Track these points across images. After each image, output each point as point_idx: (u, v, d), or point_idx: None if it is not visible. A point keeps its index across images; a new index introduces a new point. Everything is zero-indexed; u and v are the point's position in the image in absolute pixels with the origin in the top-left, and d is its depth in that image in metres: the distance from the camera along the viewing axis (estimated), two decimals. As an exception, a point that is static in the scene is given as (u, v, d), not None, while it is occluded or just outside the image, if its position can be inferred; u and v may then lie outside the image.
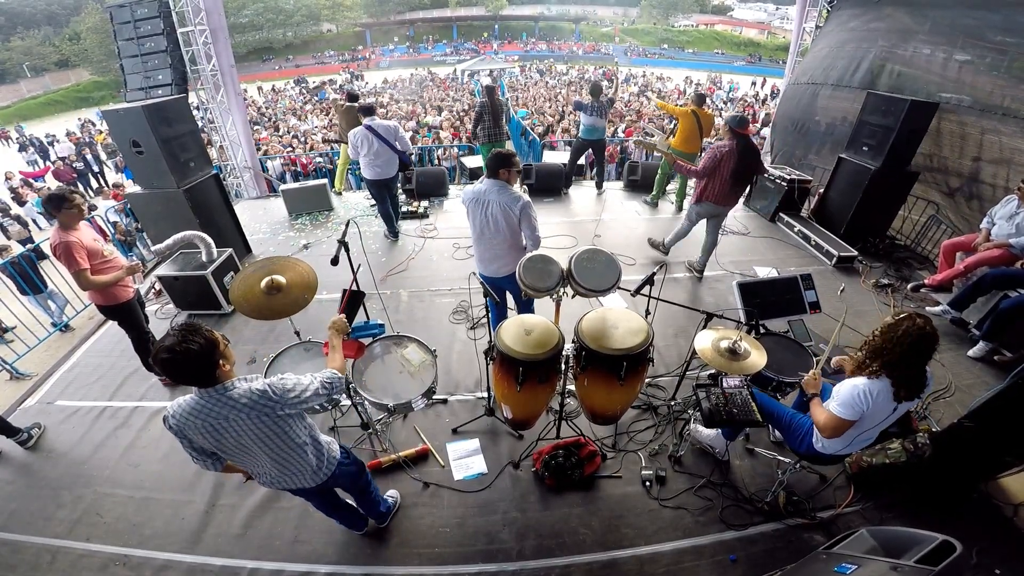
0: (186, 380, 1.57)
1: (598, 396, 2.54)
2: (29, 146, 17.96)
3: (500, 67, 30.03)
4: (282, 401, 1.66)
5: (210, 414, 1.60)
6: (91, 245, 3.00)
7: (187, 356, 1.50)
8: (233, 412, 1.61)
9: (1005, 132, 4.36)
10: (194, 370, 1.55)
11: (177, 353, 1.50)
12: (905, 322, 1.87)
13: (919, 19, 5.29)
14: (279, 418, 1.68)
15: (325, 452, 1.95)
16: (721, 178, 4.06)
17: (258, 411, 1.63)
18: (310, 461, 1.87)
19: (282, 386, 1.68)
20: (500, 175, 2.93)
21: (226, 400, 1.60)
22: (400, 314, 4.33)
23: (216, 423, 1.61)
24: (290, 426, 1.74)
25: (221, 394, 1.61)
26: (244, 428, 1.64)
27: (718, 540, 2.52)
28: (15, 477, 3.00)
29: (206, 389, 1.61)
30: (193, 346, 1.52)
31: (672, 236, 4.92)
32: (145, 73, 5.75)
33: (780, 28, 38.22)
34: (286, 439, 1.74)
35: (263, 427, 1.66)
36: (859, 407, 1.93)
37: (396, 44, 41.43)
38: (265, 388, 1.65)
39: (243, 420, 1.62)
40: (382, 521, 2.57)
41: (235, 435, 1.65)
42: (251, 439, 1.67)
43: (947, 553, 1.56)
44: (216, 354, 1.59)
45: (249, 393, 1.63)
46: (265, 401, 1.64)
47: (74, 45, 34.31)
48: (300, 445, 1.80)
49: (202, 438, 1.64)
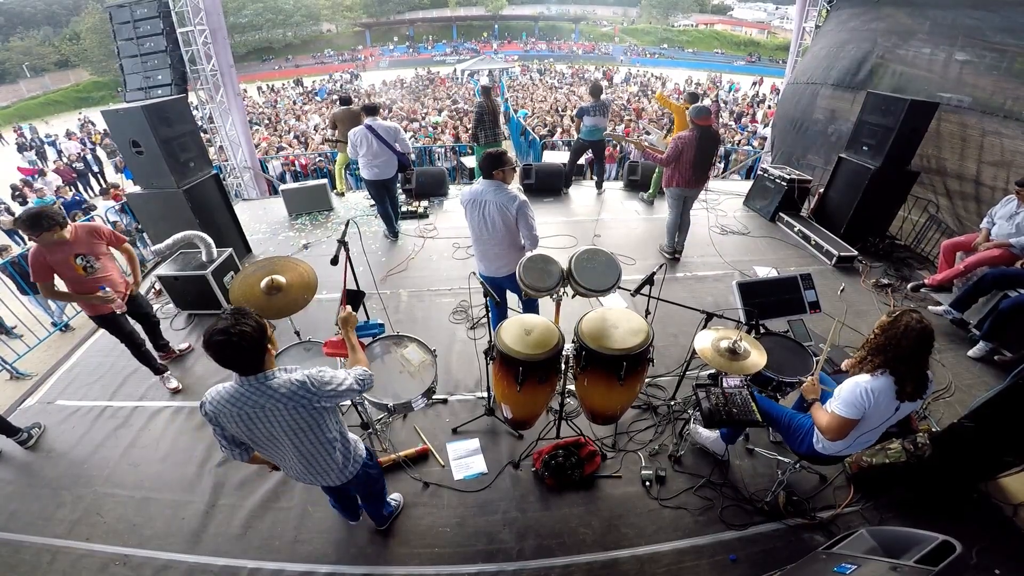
0: (236, 364, 1.57)
1: (598, 396, 2.54)
2: (30, 147, 17.95)
3: (500, 67, 30.03)
4: (320, 393, 1.66)
5: (247, 402, 1.60)
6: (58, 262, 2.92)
7: (243, 338, 1.50)
8: (271, 402, 1.61)
9: (1006, 133, 4.36)
10: (247, 353, 1.54)
11: (232, 335, 1.48)
12: (904, 317, 1.88)
13: (919, 19, 5.28)
14: (315, 411, 1.68)
15: (352, 451, 1.95)
16: (684, 165, 4.44)
17: (296, 402, 1.62)
18: (337, 459, 1.87)
19: (320, 378, 1.67)
20: (495, 175, 2.94)
21: (265, 389, 1.60)
22: (400, 314, 4.33)
23: (252, 412, 1.61)
24: (324, 419, 1.74)
25: (261, 383, 1.60)
26: (278, 419, 1.64)
27: (718, 540, 2.52)
28: (15, 477, 3.00)
29: (247, 377, 1.60)
30: (247, 328, 1.52)
31: (667, 235, 5.04)
32: (145, 73, 5.75)
33: (780, 28, 38.21)
34: (318, 433, 1.74)
35: (298, 419, 1.66)
36: (861, 405, 1.92)
37: (396, 44, 41.42)
38: (305, 379, 1.64)
39: (279, 411, 1.62)
40: (382, 524, 2.54)
41: (268, 426, 1.65)
42: (282, 431, 1.67)
43: (947, 553, 1.56)
44: (266, 339, 1.60)
45: (289, 384, 1.62)
46: (304, 392, 1.63)
47: (74, 45, 34.30)
48: (330, 441, 1.80)
49: (235, 426, 1.65)
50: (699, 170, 4.49)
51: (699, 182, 4.59)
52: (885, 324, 1.93)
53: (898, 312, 1.92)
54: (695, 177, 4.52)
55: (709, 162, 4.58)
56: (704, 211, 6.24)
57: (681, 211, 4.81)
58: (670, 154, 4.43)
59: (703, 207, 6.41)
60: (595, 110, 6.28)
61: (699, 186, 4.65)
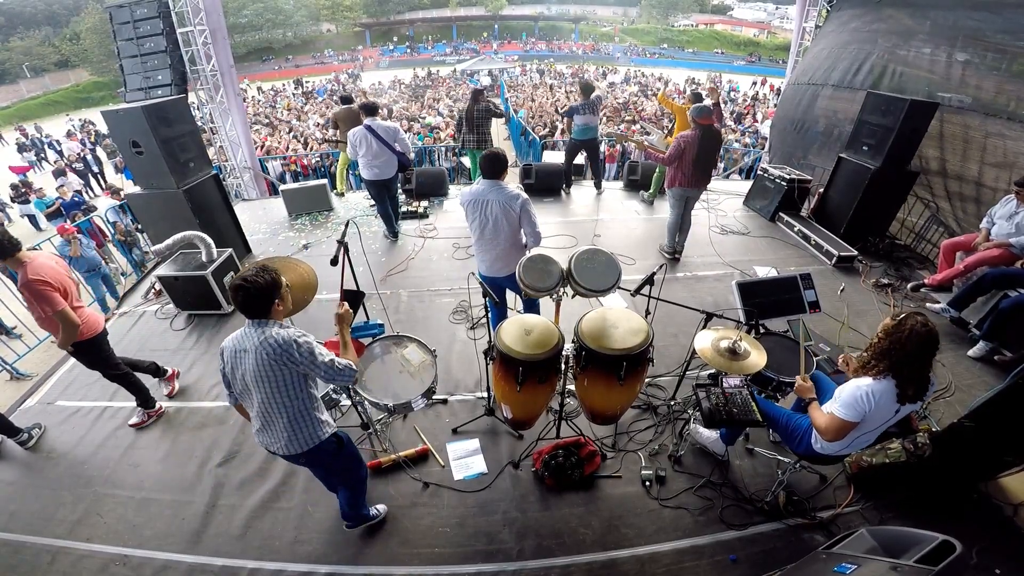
0: (246, 307, 1.82)
1: (598, 396, 2.54)
2: (30, 146, 17.96)
3: (500, 67, 30.03)
4: (297, 353, 1.83)
5: (239, 341, 1.88)
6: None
7: (255, 286, 1.78)
8: (251, 345, 1.83)
9: (1009, 135, 4.35)
10: (254, 300, 1.80)
11: (247, 282, 1.77)
12: (908, 321, 1.87)
13: (920, 20, 5.28)
14: (284, 367, 1.84)
15: (309, 424, 1.99)
16: (686, 164, 4.43)
17: (269, 352, 1.80)
18: (286, 423, 1.94)
19: (307, 343, 1.87)
20: (497, 176, 2.97)
21: (256, 334, 1.83)
22: (400, 314, 4.33)
23: (239, 350, 1.87)
24: (291, 380, 1.88)
25: (255, 328, 1.85)
26: (251, 362, 1.84)
27: (718, 540, 2.52)
28: (15, 477, 3.01)
29: (252, 320, 1.85)
30: (261, 281, 1.79)
31: (668, 235, 5.02)
32: (145, 73, 5.75)
33: (780, 28, 38.22)
34: (281, 390, 1.87)
35: (267, 369, 1.83)
36: (861, 408, 1.91)
37: (396, 44, 41.43)
38: (291, 339, 1.83)
39: (253, 355, 1.82)
40: (353, 524, 2.51)
41: (243, 367, 1.87)
42: (252, 376, 1.86)
43: (947, 553, 1.56)
44: (276, 293, 1.85)
45: (275, 336, 1.82)
46: (285, 348, 1.82)
47: (74, 45, 34.32)
48: (288, 402, 1.90)
49: (225, 364, 1.92)
50: (701, 170, 4.48)
51: (702, 182, 4.59)
52: (889, 328, 1.91)
53: (903, 316, 1.91)
54: (697, 177, 4.52)
55: (712, 162, 4.58)
56: (704, 211, 6.24)
57: (682, 211, 4.81)
58: (672, 153, 4.42)
59: (703, 207, 6.41)
60: (585, 108, 6.18)
61: (702, 186, 4.64)
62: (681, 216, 4.85)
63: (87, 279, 5.89)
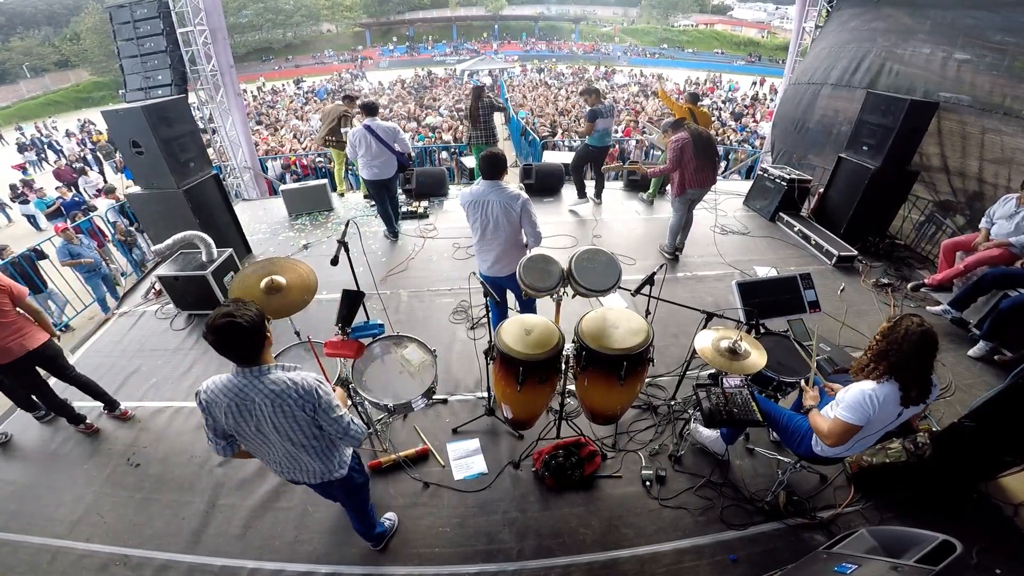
0: (235, 349, 1.60)
1: (598, 396, 2.54)
2: (30, 146, 17.96)
3: (500, 67, 30.03)
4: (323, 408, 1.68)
5: (239, 393, 1.63)
6: None
7: (247, 321, 1.55)
8: (262, 396, 1.62)
9: (1006, 131, 4.36)
10: (247, 339, 1.58)
11: (236, 318, 1.53)
12: (904, 322, 1.87)
13: (919, 19, 5.28)
14: (306, 415, 1.68)
15: (337, 451, 1.92)
16: (691, 165, 4.35)
17: (290, 401, 1.63)
18: (321, 458, 1.85)
19: (328, 398, 1.70)
20: (496, 176, 2.97)
21: (259, 383, 1.62)
22: (400, 314, 4.33)
23: (243, 403, 1.63)
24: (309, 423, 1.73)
25: (256, 376, 1.63)
26: (268, 414, 1.65)
27: (718, 540, 2.52)
28: (15, 477, 3.00)
29: (244, 368, 1.63)
30: (249, 313, 1.57)
31: (669, 236, 4.99)
32: (145, 73, 5.75)
33: (780, 28, 38.21)
34: (307, 432, 1.74)
35: (289, 417, 1.67)
36: (867, 412, 1.90)
37: (396, 44, 41.42)
38: (315, 388, 1.66)
39: (269, 406, 1.63)
40: (378, 544, 2.47)
41: (257, 419, 1.66)
42: (271, 427, 1.68)
43: (947, 553, 1.56)
44: (265, 328, 1.64)
45: (289, 383, 1.63)
46: (308, 398, 1.65)
47: (74, 45, 34.32)
48: (317, 439, 1.78)
49: (225, 417, 1.66)
50: (704, 169, 4.41)
51: (708, 180, 4.50)
52: (885, 330, 1.91)
53: (898, 317, 1.91)
54: (703, 175, 4.43)
55: (714, 160, 4.51)
56: (704, 211, 6.23)
57: (686, 213, 4.79)
58: (672, 157, 4.34)
59: (704, 207, 6.38)
60: (607, 112, 5.79)
61: (707, 186, 4.55)
62: (681, 222, 4.82)
63: (87, 279, 5.90)
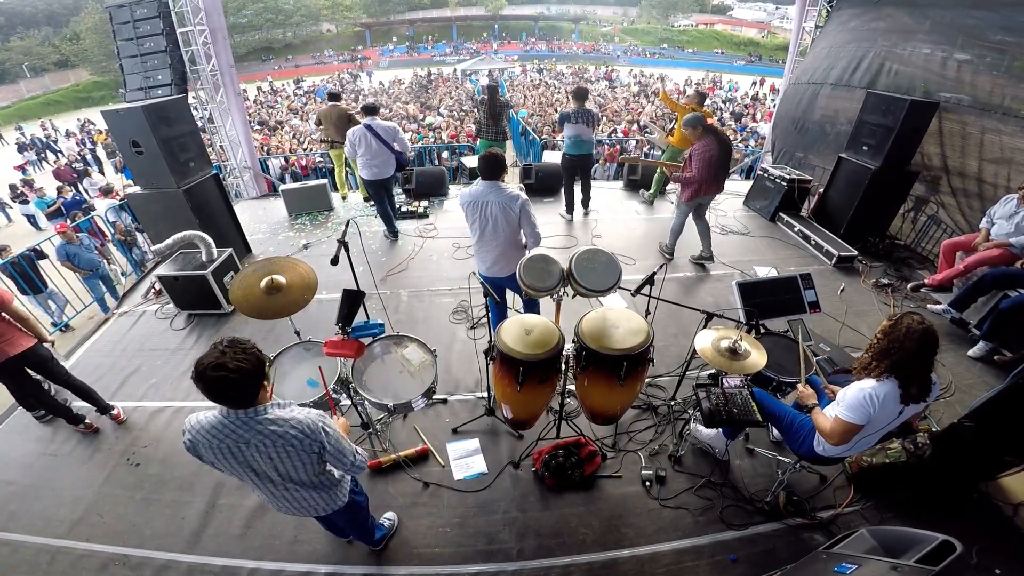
0: (227, 399, 1.47)
1: (598, 396, 2.54)
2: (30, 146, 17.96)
3: (500, 67, 30.02)
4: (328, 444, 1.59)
5: (229, 435, 1.50)
6: None
7: (240, 374, 1.40)
8: (258, 437, 1.50)
9: (1005, 131, 4.36)
10: (241, 389, 1.44)
11: (230, 371, 1.38)
12: (905, 320, 1.87)
13: (919, 19, 5.28)
14: (310, 453, 1.59)
15: (339, 483, 1.87)
16: (710, 173, 4.31)
17: (289, 441, 1.52)
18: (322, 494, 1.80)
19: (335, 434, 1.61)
20: (496, 177, 2.96)
21: (254, 424, 1.50)
22: (400, 314, 4.33)
23: (234, 445, 1.51)
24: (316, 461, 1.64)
25: (251, 417, 1.50)
26: (264, 454, 1.54)
27: (718, 540, 2.52)
28: (15, 477, 3.00)
29: (236, 411, 1.50)
30: (245, 364, 1.41)
31: (671, 237, 4.96)
32: (145, 73, 5.74)
33: (780, 28, 38.21)
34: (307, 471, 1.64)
35: (286, 457, 1.56)
36: (867, 410, 1.91)
37: (396, 44, 41.41)
38: (318, 426, 1.56)
39: (267, 447, 1.52)
40: (377, 544, 2.47)
41: (250, 460, 1.55)
42: (268, 467, 1.58)
43: (947, 553, 1.56)
44: (263, 374, 1.49)
45: (291, 422, 1.52)
46: (314, 437, 1.55)
47: (74, 45, 34.31)
48: (317, 476, 1.71)
49: (213, 457, 1.54)
50: (719, 178, 4.40)
51: (718, 189, 4.50)
52: (887, 328, 1.92)
53: (899, 315, 1.92)
54: (718, 183, 4.43)
55: (727, 168, 4.50)
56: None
57: (695, 216, 4.74)
58: (700, 166, 4.24)
59: (703, 207, 6.41)
60: (577, 117, 5.37)
61: (718, 191, 4.53)
62: (684, 221, 4.77)
63: (86, 279, 5.90)
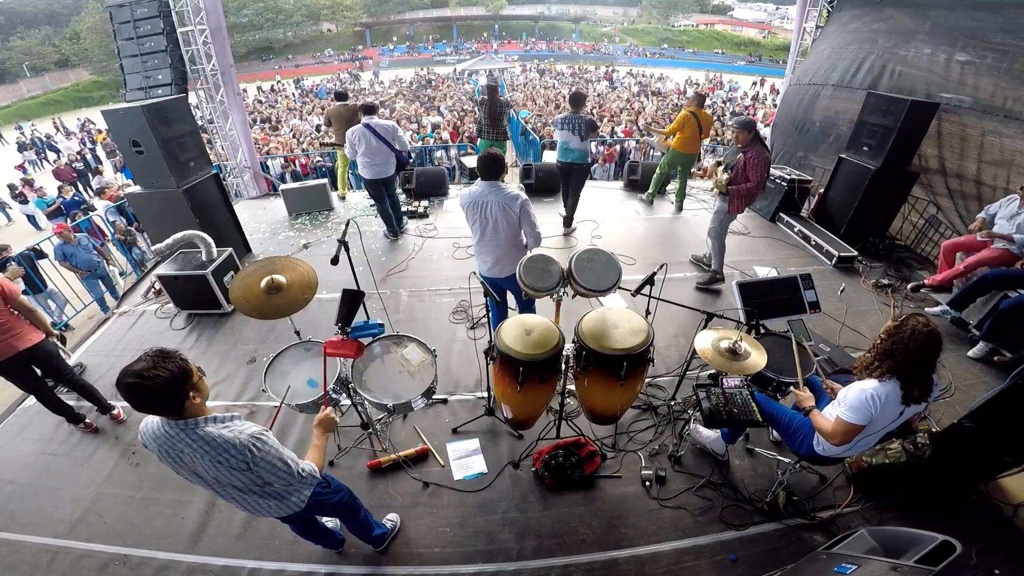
0: (150, 409, 1.48)
1: (598, 396, 2.54)
2: (30, 146, 17.96)
3: (500, 67, 29.99)
4: (260, 461, 1.57)
5: (167, 442, 1.53)
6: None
7: (156, 382, 1.39)
8: (190, 449, 1.52)
9: (1007, 133, 4.36)
10: (160, 399, 1.43)
11: (145, 379, 1.38)
12: (910, 321, 1.86)
13: (920, 20, 5.29)
14: (245, 469, 1.58)
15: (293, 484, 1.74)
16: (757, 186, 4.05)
17: (222, 457, 1.53)
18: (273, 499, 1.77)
19: (266, 448, 1.58)
20: (496, 177, 2.97)
21: (187, 437, 1.52)
22: (400, 314, 4.33)
23: (173, 452, 1.55)
24: (246, 475, 1.61)
25: (183, 429, 1.52)
26: (201, 465, 1.56)
27: (718, 540, 2.52)
28: (15, 477, 3.00)
29: (172, 420, 1.52)
30: (163, 373, 1.41)
31: (716, 258, 4.52)
32: (145, 73, 5.74)
33: (780, 28, 38.21)
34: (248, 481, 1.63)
35: (223, 470, 1.57)
36: (869, 411, 1.90)
37: (396, 44, 41.40)
38: (248, 444, 1.54)
39: (200, 459, 1.54)
40: (378, 545, 2.47)
41: (191, 467, 1.58)
42: (210, 476, 1.60)
43: (947, 553, 1.56)
44: (187, 386, 1.48)
45: (220, 439, 1.53)
46: (240, 456, 1.54)
47: (74, 45, 34.28)
48: (262, 485, 1.68)
49: (160, 458, 1.58)
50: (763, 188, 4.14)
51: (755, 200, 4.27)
52: (891, 329, 1.90)
53: (904, 316, 1.90)
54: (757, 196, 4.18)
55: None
56: (704, 211, 6.24)
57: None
58: (759, 177, 3.94)
59: (704, 207, 6.41)
60: (567, 124, 5.02)
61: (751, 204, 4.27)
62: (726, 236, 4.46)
63: (84, 279, 5.90)
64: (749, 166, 3.94)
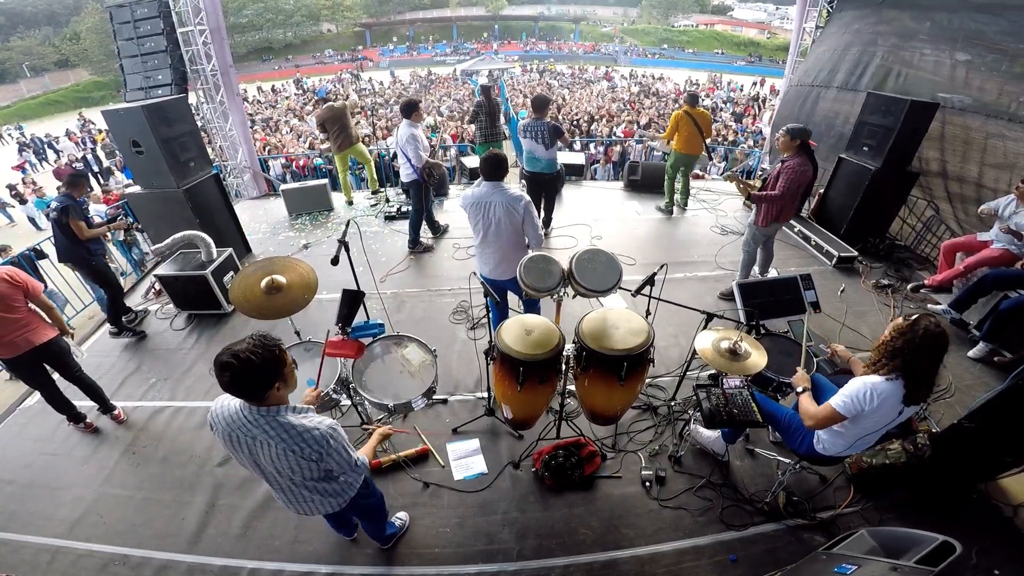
0: (235, 390, 1.50)
1: (598, 396, 2.55)
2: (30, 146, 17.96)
3: (500, 67, 29.98)
4: (332, 452, 1.62)
5: (240, 427, 1.56)
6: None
7: (247, 365, 1.43)
8: (265, 436, 1.55)
9: (1010, 136, 4.35)
10: (247, 382, 1.47)
11: (240, 360, 1.43)
12: (922, 321, 1.85)
13: (922, 21, 5.27)
14: (313, 461, 1.63)
15: (343, 484, 1.87)
16: (797, 196, 3.78)
17: (295, 446, 1.56)
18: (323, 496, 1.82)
19: (340, 442, 1.64)
20: (499, 177, 2.97)
21: (265, 424, 1.55)
22: (400, 314, 4.33)
23: (242, 438, 1.57)
24: (318, 465, 1.66)
25: (263, 416, 1.55)
26: (267, 453, 1.58)
27: (718, 540, 2.52)
28: (15, 477, 3.00)
29: (253, 405, 1.55)
30: (255, 358, 1.44)
31: (742, 270, 4.38)
32: (145, 73, 5.74)
33: (780, 28, 38.23)
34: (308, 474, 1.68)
35: (290, 460, 1.60)
36: (860, 405, 1.89)
37: (396, 44, 41.41)
38: (326, 436, 1.59)
39: (272, 447, 1.56)
40: (386, 543, 2.48)
41: (253, 455, 1.62)
42: (272, 466, 1.63)
43: (947, 553, 1.56)
44: (277, 374, 1.52)
45: (299, 428, 1.56)
46: (317, 447, 1.58)
47: (74, 45, 34.29)
48: (319, 480, 1.74)
49: (224, 442, 1.63)
50: (805, 196, 3.87)
51: (797, 213, 3.99)
52: (903, 328, 1.88)
53: (916, 316, 1.89)
54: (798, 208, 3.88)
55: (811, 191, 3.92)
56: (704, 211, 6.24)
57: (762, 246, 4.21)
58: (790, 185, 3.59)
59: (704, 207, 6.41)
60: (528, 131, 4.73)
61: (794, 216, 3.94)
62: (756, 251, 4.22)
63: (84, 278, 5.88)
64: (781, 174, 3.64)
